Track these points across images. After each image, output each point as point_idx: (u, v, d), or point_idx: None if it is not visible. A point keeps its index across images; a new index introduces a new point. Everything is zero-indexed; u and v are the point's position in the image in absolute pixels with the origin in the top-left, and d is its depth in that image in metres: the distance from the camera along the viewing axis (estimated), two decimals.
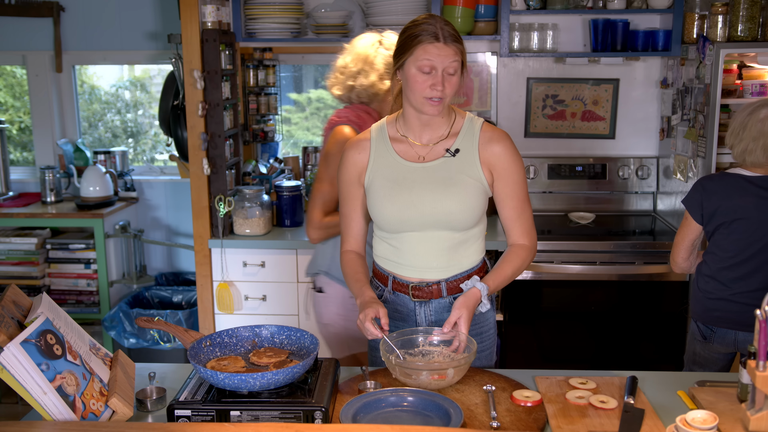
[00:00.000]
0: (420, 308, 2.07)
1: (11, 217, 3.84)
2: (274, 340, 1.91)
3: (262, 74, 3.83)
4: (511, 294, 3.38)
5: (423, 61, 1.88)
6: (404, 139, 2.04)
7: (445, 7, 3.55)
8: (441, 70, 1.89)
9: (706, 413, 1.55)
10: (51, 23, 4.03)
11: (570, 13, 3.60)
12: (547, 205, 3.87)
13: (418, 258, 2.03)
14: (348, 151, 2.09)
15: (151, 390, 1.80)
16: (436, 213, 1.98)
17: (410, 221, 2.00)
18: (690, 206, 2.58)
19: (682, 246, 2.63)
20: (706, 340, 2.60)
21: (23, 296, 1.74)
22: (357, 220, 2.12)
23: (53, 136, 4.18)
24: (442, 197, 1.98)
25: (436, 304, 2.06)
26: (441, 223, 1.99)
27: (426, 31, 1.88)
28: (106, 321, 3.73)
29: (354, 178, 2.08)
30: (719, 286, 2.55)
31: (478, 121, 2.05)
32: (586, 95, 3.87)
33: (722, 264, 2.54)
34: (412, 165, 2.02)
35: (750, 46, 3.13)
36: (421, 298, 2.05)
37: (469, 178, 2.00)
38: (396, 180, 2.01)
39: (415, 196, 1.99)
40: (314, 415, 1.63)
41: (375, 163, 2.04)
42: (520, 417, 1.70)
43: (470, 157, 2.01)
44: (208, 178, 3.36)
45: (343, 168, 2.10)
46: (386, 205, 2.00)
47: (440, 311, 2.07)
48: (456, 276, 2.04)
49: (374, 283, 2.15)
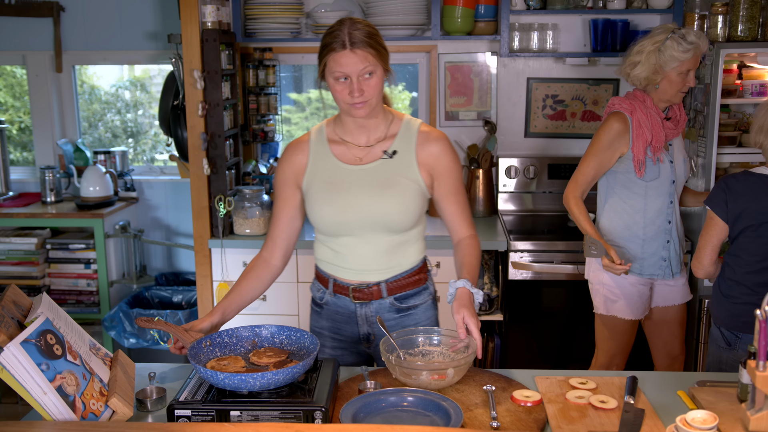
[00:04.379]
0: (361, 309, 2.08)
1: (11, 217, 3.84)
2: (274, 340, 1.91)
3: (262, 74, 3.83)
4: (511, 294, 3.39)
5: (336, 72, 1.89)
6: (342, 142, 2.05)
7: (445, 7, 3.56)
8: (355, 77, 1.88)
9: (706, 413, 1.55)
10: (51, 23, 4.03)
11: (570, 13, 3.61)
12: (547, 205, 3.87)
13: (357, 260, 2.05)
14: (287, 151, 2.09)
15: (151, 390, 1.80)
16: (373, 215, 1.99)
17: (348, 224, 2.00)
18: (715, 206, 2.45)
19: (710, 248, 2.48)
20: (730, 346, 2.48)
21: (23, 296, 1.74)
22: (283, 221, 2.10)
23: (53, 136, 4.18)
24: (380, 199, 1.98)
25: (377, 304, 2.08)
26: (379, 225, 2.00)
27: (335, 40, 1.87)
28: (106, 321, 3.73)
29: (290, 179, 2.07)
30: (746, 291, 2.43)
31: (416, 123, 2.06)
32: (586, 95, 3.87)
33: (749, 268, 2.43)
34: (350, 167, 2.02)
35: (750, 46, 3.13)
36: (362, 299, 2.07)
37: (406, 180, 2.01)
38: (333, 182, 2.02)
39: (353, 199, 1.99)
40: (314, 415, 1.63)
41: (313, 165, 2.05)
42: (520, 417, 1.70)
43: (408, 159, 2.01)
44: (208, 178, 3.36)
45: (281, 168, 2.09)
46: (324, 208, 2.01)
47: (381, 312, 2.08)
48: (396, 277, 2.06)
49: (316, 285, 2.17)
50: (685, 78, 2.64)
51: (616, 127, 2.67)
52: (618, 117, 2.69)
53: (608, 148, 2.70)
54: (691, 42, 2.59)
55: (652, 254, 2.76)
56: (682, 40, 2.59)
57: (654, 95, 2.70)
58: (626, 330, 2.83)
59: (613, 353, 2.87)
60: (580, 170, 2.75)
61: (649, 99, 2.70)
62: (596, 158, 2.71)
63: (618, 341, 2.84)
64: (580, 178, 2.74)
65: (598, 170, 2.73)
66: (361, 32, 1.88)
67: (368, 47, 1.88)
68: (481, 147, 3.87)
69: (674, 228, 2.77)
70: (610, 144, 2.69)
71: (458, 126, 3.92)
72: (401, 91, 4.26)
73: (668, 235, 2.75)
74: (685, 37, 2.59)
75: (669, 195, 2.72)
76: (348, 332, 2.12)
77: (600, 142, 2.70)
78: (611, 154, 2.70)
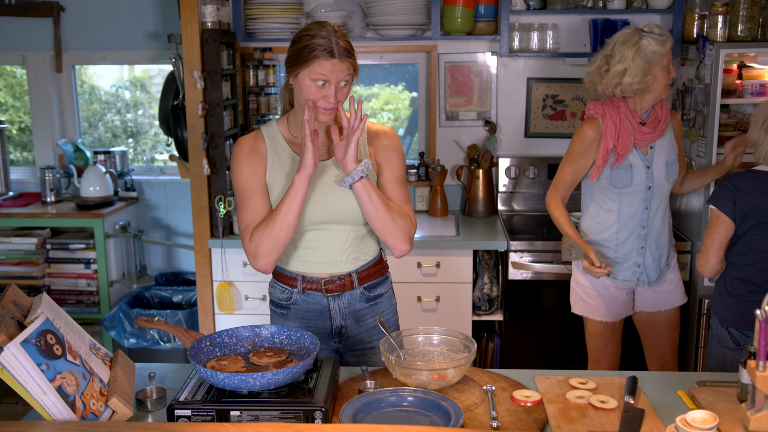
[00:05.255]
0: (334, 302, 2.12)
1: (11, 217, 3.84)
2: (274, 340, 1.91)
3: (262, 74, 3.83)
4: (511, 294, 3.39)
5: (317, 75, 1.93)
6: (298, 141, 2.08)
7: (445, 7, 3.56)
8: (334, 84, 1.95)
9: (706, 413, 1.55)
10: (51, 23, 4.03)
11: (570, 13, 3.61)
12: None
13: (327, 254, 2.09)
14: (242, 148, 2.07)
15: (151, 390, 1.80)
16: (341, 209, 2.05)
17: (317, 218, 2.05)
18: (722, 205, 2.44)
19: (717, 246, 2.47)
20: (739, 346, 2.45)
21: (23, 296, 1.74)
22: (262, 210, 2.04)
23: (53, 136, 4.18)
24: (345, 193, 2.04)
25: (349, 296, 2.12)
26: (346, 218, 2.06)
27: (321, 46, 1.91)
28: (106, 321, 3.73)
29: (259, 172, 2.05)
30: (755, 289, 2.42)
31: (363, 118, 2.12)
32: (586, 95, 3.87)
33: (758, 266, 2.42)
34: None
35: (750, 46, 3.13)
36: (334, 291, 2.10)
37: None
38: None
39: (320, 195, 2.04)
40: (314, 415, 1.63)
41: (273, 165, 2.06)
42: (520, 417, 1.70)
43: (362, 152, 2.10)
44: (208, 178, 3.36)
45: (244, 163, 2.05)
46: None
47: (353, 302, 2.13)
48: (364, 266, 2.13)
49: (278, 287, 2.16)
50: (668, 70, 2.63)
51: (589, 134, 2.67)
52: (591, 123, 2.69)
53: (582, 155, 2.70)
54: (662, 33, 2.59)
55: (625, 259, 2.74)
56: (654, 35, 2.58)
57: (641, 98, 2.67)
58: (600, 333, 2.82)
59: (596, 358, 2.87)
60: (557, 176, 2.77)
61: (623, 104, 2.67)
62: (572, 165, 2.73)
63: (597, 345, 2.84)
64: (558, 184, 2.77)
65: (575, 176, 2.74)
66: (346, 43, 1.96)
67: (351, 58, 1.97)
68: (481, 147, 3.87)
69: (651, 234, 2.72)
70: (584, 151, 2.69)
71: (458, 126, 3.92)
72: (401, 91, 4.26)
73: (642, 241, 2.71)
74: (653, 31, 2.59)
75: (644, 201, 2.69)
76: (319, 329, 2.14)
77: (574, 149, 2.72)
78: (586, 160, 2.71)
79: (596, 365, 2.88)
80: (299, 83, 1.96)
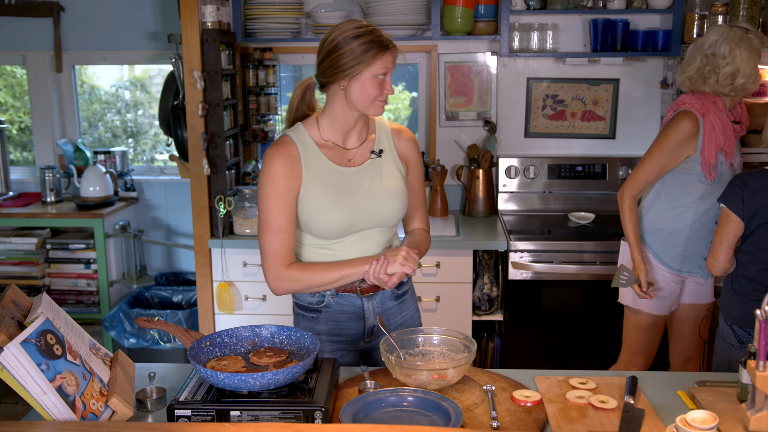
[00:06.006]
0: (368, 302, 2.12)
1: (11, 217, 3.84)
2: (274, 340, 1.91)
3: (262, 74, 3.83)
4: (511, 294, 3.39)
5: (382, 69, 1.97)
6: (331, 145, 2.07)
7: (445, 7, 3.56)
8: (390, 75, 2.01)
9: (706, 413, 1.55)
10: (51, 23, 4.03)
11: (570, 13, 3.61)
12: (547, 205, 3.87)
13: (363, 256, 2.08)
14: (277, 160, 1.99)
15: (151, 390, 1.80)
16: (382, 213, 2.06)
17: (356, 225, 2.04)
18: (731, 203, 2.44)
19: (725, 244, 2.47)
20: (743, 344, 2.47)
21: (23, 296, 1.74)
22: (293, 233, 2.03)
23: (53, 136, 4.18)
24: (386, 197, 2.06)
25: (381, 295, 2.13)
26: (385, 221, 2.08)
27: (377, 41, 1.95)
28: (106, 321, 3.73)
29: (293, 188, 2.00)
30: (759, 288, 2.43)
31: (384, 120, 2.18)
32: (586, 95, 3.87)
33: (763, 265, 2.42)
34: (346, 170, 2.05)
35: None
36: (368, 292, 2.10)
37: (398, 175, 2.11)
38: (337, 186, 2.03)
39: (362, 200, 2.04)
40: (314, 415, 1.63)
41: (308, 171, 2.02)
42: (520, 417, 1.70)
43: (391, 155, 2.12)
44: (208, 178, 3.36)
45: (277, 178, 1.99)
46: (335, 212, 2.00)
47: (384, 300, 2.14)
48: None
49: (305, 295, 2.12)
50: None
51: (688, 128, 2.58)
52: (689, 117, 2.59)
53: (676, 149, 2.61)
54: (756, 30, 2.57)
55: (694, 252, 2.72)
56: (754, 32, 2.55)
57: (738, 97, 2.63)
58: (651, 326, 2.80)
59: (636, 350, 2.84)
60: (643, 168, 2.66)
61: (720, 101, 2.62)
62: (662, 158, 2.63)
63: (641, 338, 2.82)
64: (642, 176, 2.67)
65: (662, 170, 2.66)
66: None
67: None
68: (481, 147, 3.87)
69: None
70: (679, 145, 2.61)
71: (458, 126, 3.92)
72: (401, 91, 4.26)
73: (712, 235, 2.69)
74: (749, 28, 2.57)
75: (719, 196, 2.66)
76: (352, 330, 2.13)
77: (669, 142, 2.61)
78: (678, 154, 2.62)
79: (634, 357, 2.85)
80: (360, 82, 1.96)
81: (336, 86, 1.99)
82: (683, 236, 2.72)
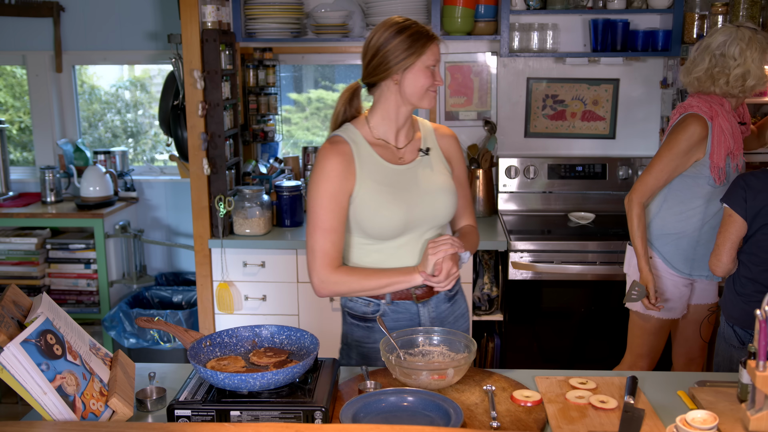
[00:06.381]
0: (423, 308, 2.08)
1: (11, 217, 3.84)
2: (274, 340, 1.91)
3: (262, 74, 3.83)
4: (511, 294, 3.39)
5: (432, 60, 2.00)
6: (382, 143, 2.06)
7: (445, 7, 3.56)
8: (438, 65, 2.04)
9: (706, 413, 1.55)
10: (51, 23, 4.04)
11: (570, 13, 3.61)
12: (547, 205, 3.87)
13: (415, 259, 2.05)
14: (333, 159, 1.97)
15: (151, 390, 1.80)
16: (435, 210, 2.04)
17: (411, 223, 2.01)
18: (734, 203, 2.43)
19: (729, 245, 2.46)
20: (744, 345, 2.46)
21: (23, 296, 1.74)
22: (343, 234, 2.00)
23: (53, 136, 4.18)
24: (438, 194, 2.05)
25: (435, 299, 2.10)
26: (438, 218, 2.06)
27: (423, 32, 1.99)
28: (106, 321, 3.73)
29: (346, 189, 1.98)
30: (761, 289, 2.41)
31: (425, 120, 2.19)
32: (586, 95, 3.87)
33: (764, 266, 2.42)
34: (398, 168, 2.04)
35: None
36: (423, 297, 2.07)
37: (446, 172, 2.11)
38: (391, 184, 2.01)
39: (417, 198, 2.02)
40: (314, 415, 1.63)
41: (362, 170, 2.00)
42: (520, 417, 1.70)
43: (437, 153, 2.12)
44: (208, 178, 3.36)
45: (331, 179, 1.96)
46: (392, 209, 1.98)
47: (439, 305, 2.11)
48: None
49: (360, 302, 2.08)
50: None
51: (698, 132, 2.55)
52: (698, 121, 2.55)
53: (686, 153, 2.57)
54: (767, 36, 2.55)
55: (703, 255, 2.70)
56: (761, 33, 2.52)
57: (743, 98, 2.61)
58: (658, 330, 2.79)
59: (641, 353, 2.83)
60: (651, 174, 2.63)
61: (727, 103, 2.59)
62: (672, 162, 2.59)
63: (647, 341, 2.81)
64: (651, 182, 2.63)
65: (671, 174, 2.62)
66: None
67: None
68: (481, 147, 3.87)
69: None
70: (688, 149, 2.57)
71: (458, 126, 3.92)
72: None
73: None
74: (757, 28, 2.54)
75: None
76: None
77: (678, 146, 2.57)
78: (687, 159, 2.59)
79: (638, 360, 2.84)
80: (413, 73, 1.98)
81: (388, 82, 2.00)
82: (692, 240, 2.70)
